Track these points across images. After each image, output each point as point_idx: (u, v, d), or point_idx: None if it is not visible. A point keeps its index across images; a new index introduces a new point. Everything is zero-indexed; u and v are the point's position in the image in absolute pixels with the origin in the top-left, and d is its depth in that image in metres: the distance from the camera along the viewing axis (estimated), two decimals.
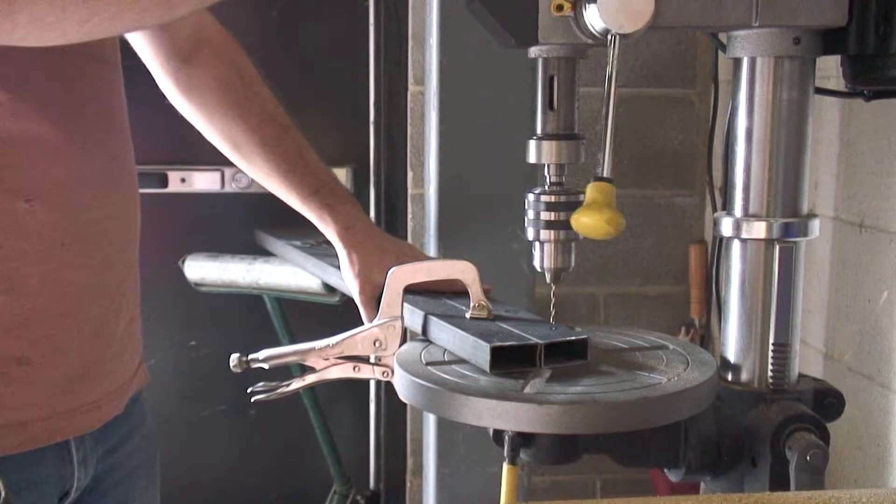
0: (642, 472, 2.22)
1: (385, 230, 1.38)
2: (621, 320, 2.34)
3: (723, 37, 1.01)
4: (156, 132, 1.76)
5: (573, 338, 0.95)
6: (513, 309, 1.09)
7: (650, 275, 2.36)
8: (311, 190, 1.20)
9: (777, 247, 0.97)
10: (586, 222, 0.88)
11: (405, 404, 2.35)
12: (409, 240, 2.18)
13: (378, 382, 2.27)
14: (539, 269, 0.99)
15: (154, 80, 1.21)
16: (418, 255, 1.24)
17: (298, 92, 2.22)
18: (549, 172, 0.96)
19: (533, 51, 0.94)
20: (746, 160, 0.97)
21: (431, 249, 1.70)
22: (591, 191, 0.88)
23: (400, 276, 1.02)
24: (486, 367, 0.91)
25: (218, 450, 2.39)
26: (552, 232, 0.97)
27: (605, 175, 0.89)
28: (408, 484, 2.35)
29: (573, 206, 0.95)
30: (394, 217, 2.28)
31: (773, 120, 0.96)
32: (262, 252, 2.07)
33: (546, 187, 0.97)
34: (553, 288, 1.00)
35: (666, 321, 2.35)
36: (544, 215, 0.96)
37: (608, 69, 0.87)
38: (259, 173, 1.21)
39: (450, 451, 1.70)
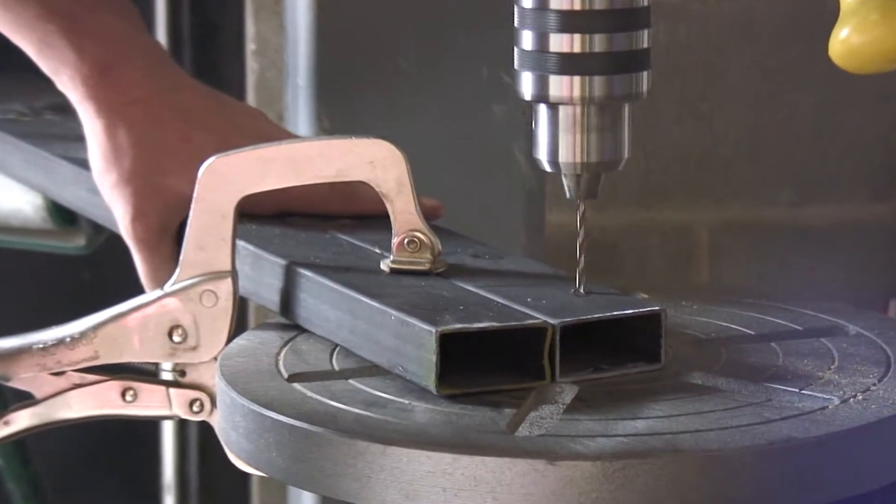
0: None
1: (197, 79, 1.40)
2: (747, 282, 2.37)
3: None
4: None
5: (628, 312, 0.97)
6: (489, 251, 1.11)
7: (812, 181, 2.38)
8: None
9: None
10: (860, 44, 0.92)
11: (245, 480, 2.37)
12: (252, 101, 2.19)
13: (180, 426, 2.34)
14: (549, 168, 1.01)
15: None
16: (270, 132, 1.28)
17: None
18: None
19: None
20: None
21: (301, 121, 1.74)
22: None
23: (228, 178, 1.03)
24: (430, 381, 0.93)
25: None
26: (578, 81, 0.98)
27: None
28: None
29: (621, 21, 0.97)
30: (215, 51, 2.34)
31: None
32: None
33: None
34: (581, 209, 1.02)
35: (849, 283, 2.37)
36: (556, 42, 0.98)
37: None
38: None
39: None
